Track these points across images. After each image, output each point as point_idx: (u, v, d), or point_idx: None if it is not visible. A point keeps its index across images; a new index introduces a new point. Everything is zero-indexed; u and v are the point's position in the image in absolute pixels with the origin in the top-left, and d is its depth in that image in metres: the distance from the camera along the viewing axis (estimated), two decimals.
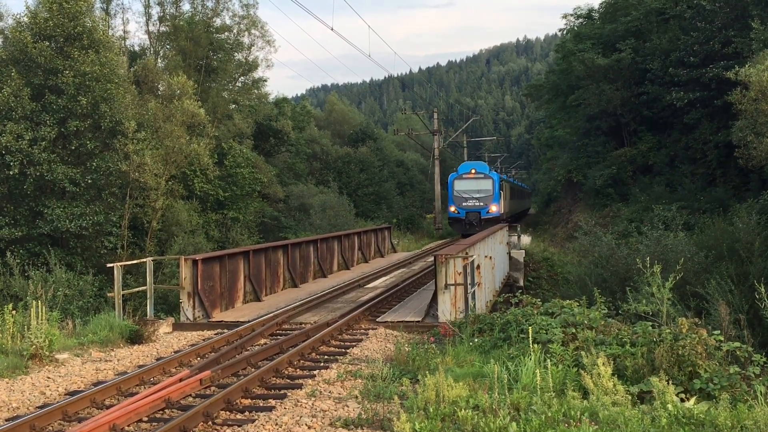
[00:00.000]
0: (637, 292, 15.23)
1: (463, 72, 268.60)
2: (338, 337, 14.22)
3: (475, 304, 16.18)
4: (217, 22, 47.28)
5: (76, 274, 24.30)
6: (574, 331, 11.10)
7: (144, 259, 17.44)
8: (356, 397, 9.75)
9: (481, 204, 44.77)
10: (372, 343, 13.55)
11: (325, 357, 12.49)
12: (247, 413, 9.31)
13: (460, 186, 45.51)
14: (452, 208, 45.56)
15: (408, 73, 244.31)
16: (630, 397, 8.72)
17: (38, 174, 26.01)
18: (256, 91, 52.66)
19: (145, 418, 9.21)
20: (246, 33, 47.97)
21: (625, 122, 47.65)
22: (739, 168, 31.92)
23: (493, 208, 44.66)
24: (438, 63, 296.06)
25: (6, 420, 9.26)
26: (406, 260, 30.35)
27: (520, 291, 23.82)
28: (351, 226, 46.00)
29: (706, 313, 15.71)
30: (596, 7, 56.48)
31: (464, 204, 44.82)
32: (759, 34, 30.59)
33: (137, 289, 17.70)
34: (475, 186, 45.31)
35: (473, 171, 45.92)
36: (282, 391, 10.29)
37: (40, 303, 12.78)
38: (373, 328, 15.08)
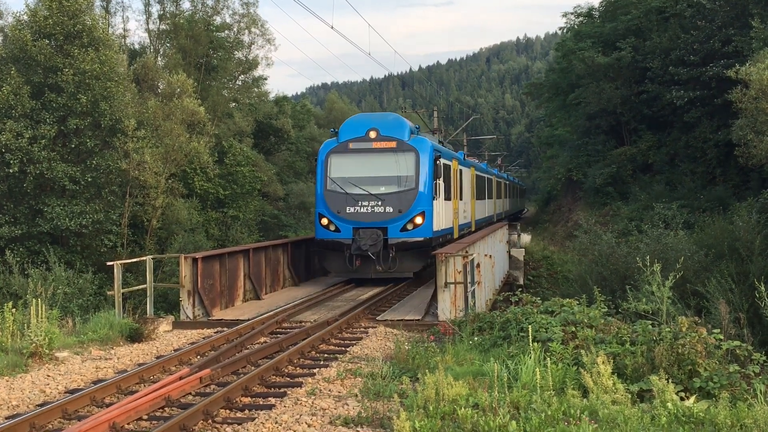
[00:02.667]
0: (637, 291, 15.23)
1: (463, 70, 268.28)
2: (338, 335, 14.22)
3: (474, 303, 16.19)
4: (217, 20, 47.27)
5: (75, 273, 24.31)
6: (573, 329, 11.10)
7: (144, 258, 17.44)
8: (356, 395, 9.76)
9: (390, 211, 20.21)
10: (372, 342, 13.56)
11: (325, 355, 12.50)
12: (247, 411, 9.32)
13: (341, 168, 20.91)
14: (323, 220, 20.65)
15: (408, 71, 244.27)
16: (630, 396, 8.73)
17: (38, 172, 26.00)
18: (256, 89, 52.66)
19: (145, 417, 9.21)
20: (246, 31, 47.97)
21: (625, 121, 47.59)
22: (739, 167, 31.89)
23: (419, 219, 20.30)
24: (438, 61, 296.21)
25: (6, 418, 9.26)
26: None
27: (519, 289, 23.84)
28: None
29: (706, 312, 15.73)
30: (596, 5, 56.43)
31: (349, 210, 20.33)
32: (759, 32, 30.55)
33: (137, 288, 17.70)
34: (378, 169, 20.86)
35: (372, 133, 20.99)
36: (282, 390, 10.29)
37: (39, 301, 12.79)
38: (372, 327, 15.08)
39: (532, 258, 34.53)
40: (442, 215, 22.18)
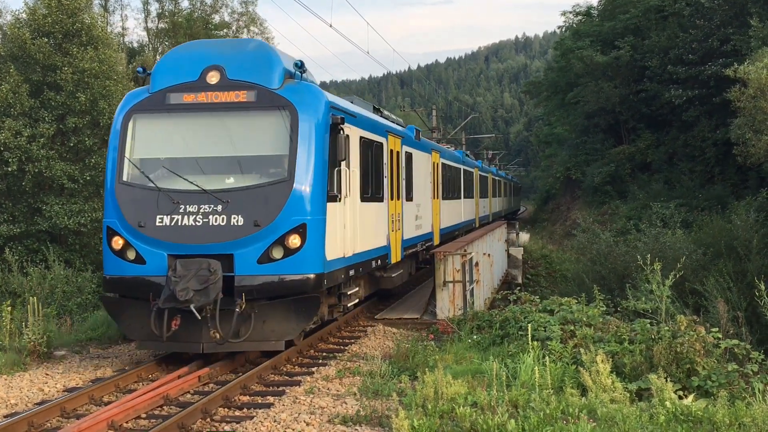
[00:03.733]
0: (636, 290, 15.25)
1: (461, 69, 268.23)
2: (337, 334, 14.22)
3: (473, 302, 16.21)
4: (216, 18, 47.25)
5: (74, 271, 24.29)
6: (572, 328, 11.12)
7: None
8: (355, 394, 9.76)
9: (238, 223, 10.83)
10: (370, 340, 13.57)
11: (324, 354, 12.51)
12: (245, 410, 9.32)
13: (149, 142, 11.92)
14: (116, 241, 11.16)
15: (407, 70, 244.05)
16: (628, 395, 8.74)
17: (37, 171, 25.97)
18: None
19: (144, 415, 9.22)
20: (245, 30, 47.96)
21: (623, 120, 47.63)
22: (737, 165, 31.91)
23: (294, 240, 10.89)
24: (437, 60, 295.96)
25: (4, 416, 9.27)
26: None
27: (518, 288, 23.83)
28: None
29: (704, 311, 15.74)
30: (595, 4, 56.52)
31: (161, 222, 10.93)
32: (758, 31, 30.57)
33: None
34: (218, 143, 11.84)
35: (213, 75, 11.64)
36: (280, 388, 10.30)
37: (37, 300, 12.79)
38: (371, 325, 15.09)
39: (530, 257, 34.47)
40: (354, 229, 12.99)
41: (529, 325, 10.87)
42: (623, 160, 45.90)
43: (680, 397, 8.61)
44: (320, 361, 11.95)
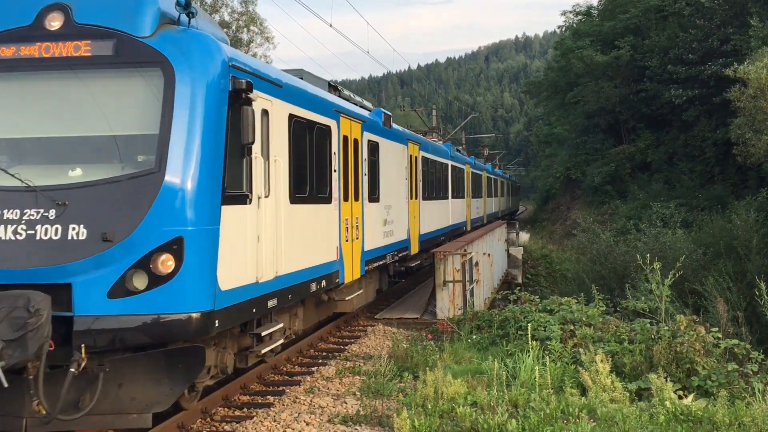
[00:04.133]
0: (636, 290, 15.27)
1: (461, 69, 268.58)
2: (336, 333, 14.23)
3: (473, 301, 16.21)
4: (216, 18, 47.27)
5: None
6: (572, 328, 11.13)
7: None
8: (355, 393, 9.76)
9: (80, 236, 7.15)
10: (370, 340, 13.57)
11: (324, 354, 12.50)
12: (245, 410, 9.31)
13: None
14: None
15: (407, 69, 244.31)
16: (628, 395, 8.75)
17: None
18: None
19: None
20: (245, 29, 48.02)
21: (623, 119, 47.67)
22: (737, 165, 31.97)
23: (166, 261, 7.23)
24: (437, 60, 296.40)
25: None
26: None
27: (518, 288, 23.83)
28: None
29: (704, 311, 15.76)
30: (595, 4, 56.58)
31: None
32: (757, 31, 30.60)
33: None
34: (59, 118, 8.02)
35: (55, 18, 7.83)
36: (280, 388, 10.29)
37: None
38: (371, 325, 15.09)
39: (530, 257, 34.48)
40: (277, 242, 9.45)
41: (529, 324, 10.89)
42: (623, 160, 45.95)
43: (680, 397, 8.61)
44: (320, 360, 11.95)
